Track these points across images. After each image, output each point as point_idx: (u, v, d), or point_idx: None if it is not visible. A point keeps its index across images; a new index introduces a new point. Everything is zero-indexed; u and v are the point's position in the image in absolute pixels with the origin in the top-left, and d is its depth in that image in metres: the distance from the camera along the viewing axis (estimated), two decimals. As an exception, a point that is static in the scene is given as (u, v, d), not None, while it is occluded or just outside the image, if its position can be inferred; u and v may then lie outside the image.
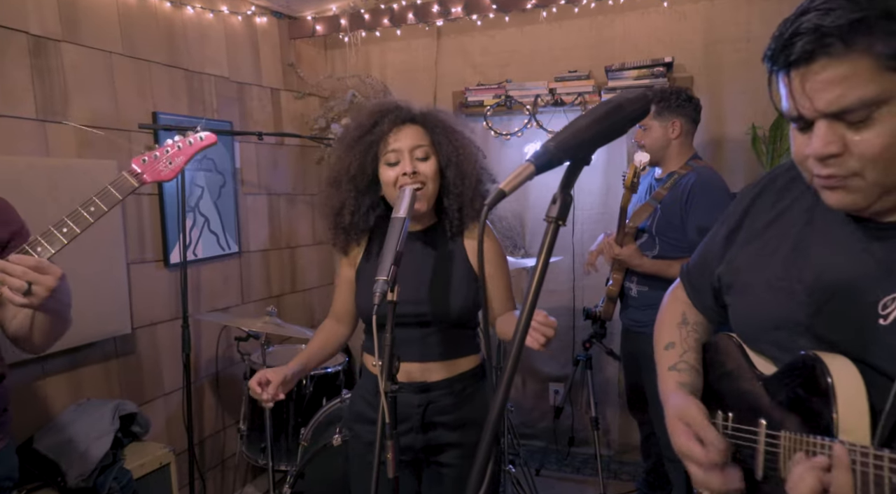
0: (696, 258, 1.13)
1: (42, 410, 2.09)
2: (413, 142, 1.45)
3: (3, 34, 1.95)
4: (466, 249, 1.53)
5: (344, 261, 1.63)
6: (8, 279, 1.05)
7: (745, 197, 1.01)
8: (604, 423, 3.16)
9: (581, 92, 2.94)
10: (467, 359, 1.55)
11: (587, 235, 3.12)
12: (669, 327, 1.11)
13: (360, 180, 1.49)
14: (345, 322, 1.69)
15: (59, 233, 1.15)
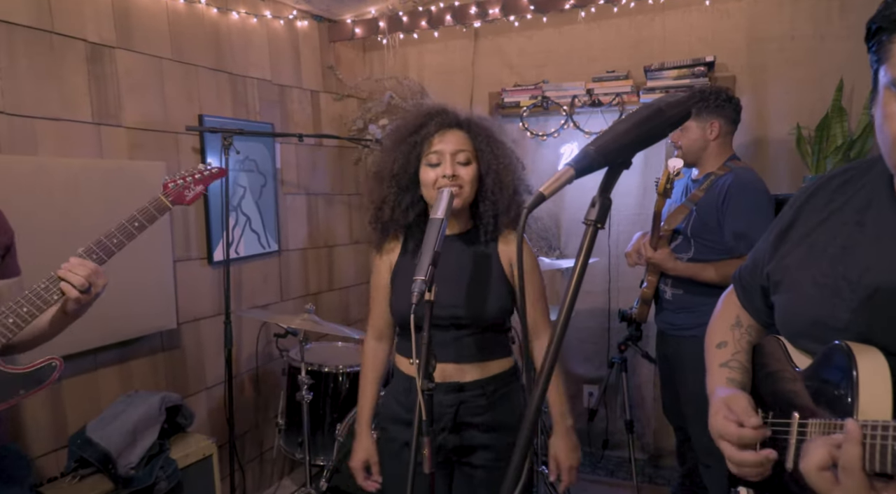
0: (748, 260, 1.13)
1: (94, 400, 2.19)
2: (456, 147, 1.48)
3: (64, 42, 2.05)
4: (500, 254, 1.55)
5: (380, 268, 1.64)
6: (71, 276, 1.16)
7: (800, 196, 1.01)
8: (639, 427, 3.12)
9: (619, 92, 2.91)
10: (500, 362, 1.57)
11: (623, 236, 3.09)
12: (722, 328, 1.13)
13: (401, 178, 1.53)
14: (386, 336, 1.70)
15: (111, 244, 1.30)
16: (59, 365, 1.24)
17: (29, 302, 1.18)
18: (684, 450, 2.59)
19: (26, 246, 1.46)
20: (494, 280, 1.53)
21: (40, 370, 1.23)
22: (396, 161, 1.52)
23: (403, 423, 1.56)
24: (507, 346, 1.61)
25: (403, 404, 1.56)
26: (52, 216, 1.91)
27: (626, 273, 3.13)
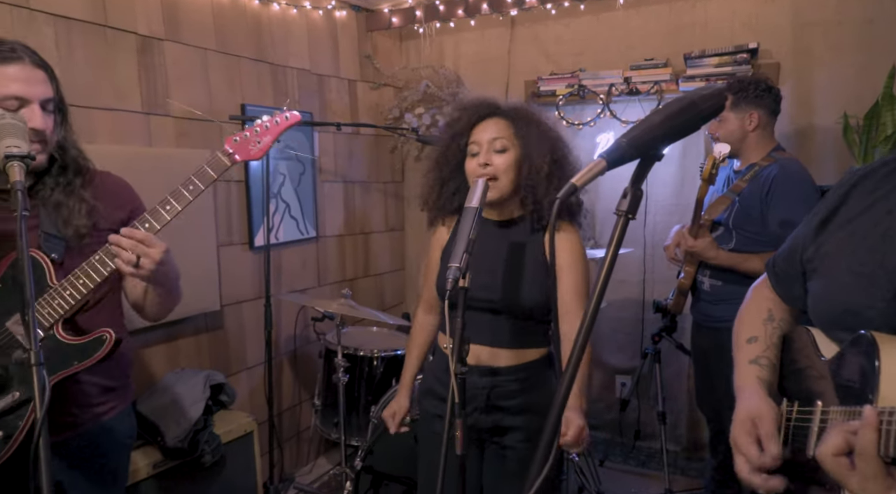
0: (784, 248, 1.11)
1: (145, 376, 2.31)
2: (492, 135, 1.51)
3: (117, 35, 2.15)
4: (546, 245, 1.56)
5: (434, 244, 1.71)
6: (119, 251, 1.18)
7: (846, 182, 0.99)
8: (671, 418, 3.11)
9: (657, 80, 2.88)
10: (535, 350, 1.59)
11: (659, 227, 3.06)
12: (754, 322, 1.11)
13: (444, 169, 1.60)
14: (435, 310, 1.78)
15: (164, 211, 1.26)
16: (109, 338, 1.25)
17: (84, 275, 1.21)
18: (717, 443, 2.57)
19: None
20: (534, 268, 1.54)
21: (91, 342, 1.25)
22: (442, 151, 1.59)
23: (439, 398, 1.62)
24: (544, 336, 1.62)
25: (441, 380, 1.63)
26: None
27: (660, 263, 3.10)
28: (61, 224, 1.26)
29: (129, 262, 1.18)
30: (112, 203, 1.36)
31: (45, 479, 0.88)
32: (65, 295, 1.21)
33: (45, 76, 1.23)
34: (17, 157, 1.03)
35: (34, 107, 1.20)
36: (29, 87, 1.19)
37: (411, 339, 1.82)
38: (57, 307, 1.21)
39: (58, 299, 1.21)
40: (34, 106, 1.20)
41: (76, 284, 1.22)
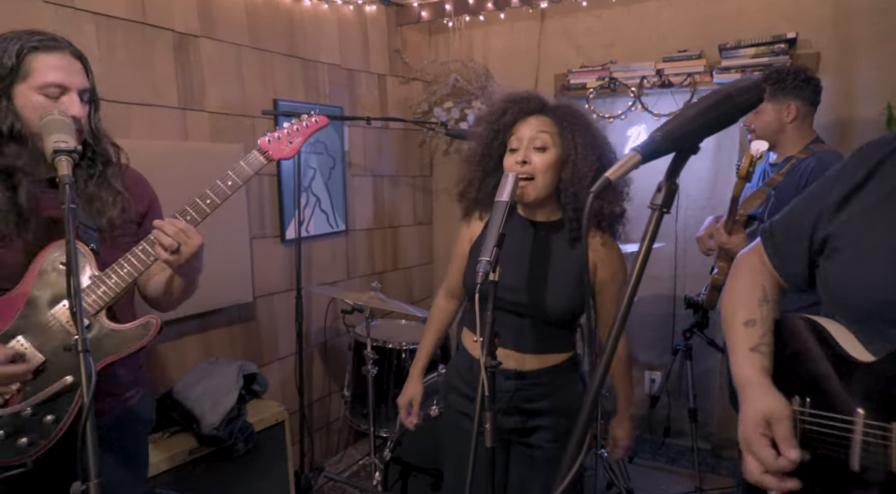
0: (785, 218, 1.05)
1: (180, 365, 2.38)
2: (533, 133, 1.47)
3: (154, 32, 2.20)
4: (587, 254, 1.52)
5: (464, 235, 1.68)
6: (163, 237, 1.23)
7: (870, 156, 0.94)
8: (702, 416, 3.07)
9: (691, 72, 2.82)
10: (560, 355, 1.58)
11: (691, 222, 3.01)
12: (749, 302, 1.05)
13: (486, 162, 1.55)
14: (457, 296, 1.79)
15: (204, 204, 1.32)
16: (155, 324, 1.30)
17: (128, 264, 1.26)
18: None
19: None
20: (567, 277, 1.51)
21: (139, 328, 1.29)
22: (481, 145, 1.55)
23: (462, 395, 1.62)
24: (570, 341, 1.61)
25: (464, 378, 1.62)
26: (144, 195, 2.08)
27: (693, 259, 3.06)
28: (95, 215, 1.30)
29: (170, 248, 1.22)
30: (133, 196, 1.40)
31: (91, 460, 0.91)
32: (109, 283, 1.25)
33: (81, 67, 1.27)
34: (65, 152, 1.07)
35: (73, 95, 1.23)
36: (69, 76, 1.23)
37: (428, 322, 1.83)
38: (102, 295, 1.25)
39: (102, 287, 1.25)
40: (73, 94, 1.23)
41: (120, 273, 1.26)
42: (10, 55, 1.18)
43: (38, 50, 1.20)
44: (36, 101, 1.19)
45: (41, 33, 1.24)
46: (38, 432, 1.21)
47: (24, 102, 1.19)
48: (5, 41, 1.20)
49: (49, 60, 1.21)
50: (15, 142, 1.19)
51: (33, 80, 1.19)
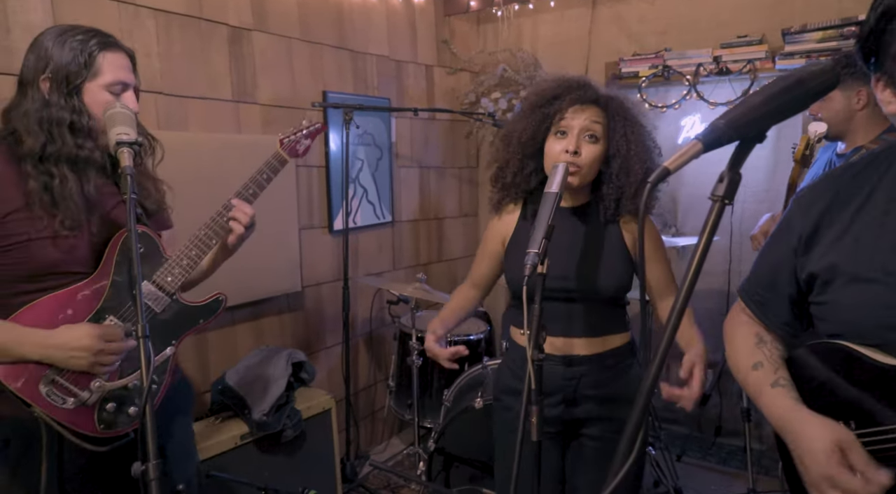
0: (757, 273, 1.10)
1: (232, 352, 2.45)
2: (586, 123, 1.44)
3: (210, 27, 2.25)
4: (623, 230, 1.53)
5: (495, 232, 1.66)
6: (241, 215, 1.40)
7: (815, 202, 0.99)
8: (756, 416, 2.95)
9: (751, 59, 2.70)
10: (617, 336, 1.56)
11: (748, 214, 2.90)
12: (747, 349, 1.07)
13: (528, 146, 1.51)
14: (480, 288, 1.76)
15: (248, 193, 1.47)
16: (224, 299, 1.46)
17: (196, 247, 1.38)
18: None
19: (180, 209, 1.64)
20: (611, 255, 1.52)
21: (212, 302, 1.45)
22: (527, 128, 1.50)
23: (515, 394, 1.59)
24: (625, 322, 1.60)
25: (519, 376, 1.58)
26: (199, 185, 2.13)
27: (748, 254, 2.94)
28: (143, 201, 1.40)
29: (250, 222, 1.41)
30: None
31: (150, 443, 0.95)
32: (183, 264, 1.36)
33: (131, 64, 1.34)
34: (127, 144, 1.11)
35: (130, 91, 1.31)
36: (128, 74, 1.31)
37: (450, 301, 1.78)
38: (179, 275, 1.36)
39: (177, 268, 1.36)
40: (131, 91, 1.31)
41: (190, 254, 1.37)
42: (83, 54, 1.24)
43: (106, 49, 1.27)
44: (102, 98, 1.26)
45: (101, 32, 1.29)
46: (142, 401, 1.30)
47: (92, 99, 1.26)
48: (73, 39, 1.25)
49: (115, 60, 1.28)
50: (86, 136, 1.26)
51: (102, 79, 1.26)
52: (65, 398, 1.22)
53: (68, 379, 1.23)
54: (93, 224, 1.29)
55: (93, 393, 1.24)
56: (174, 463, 1.40)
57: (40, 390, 1.21)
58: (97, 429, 1.26)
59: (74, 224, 1.23)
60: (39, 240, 1.21)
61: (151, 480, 0.93)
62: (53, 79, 1.23)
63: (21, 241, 1.21)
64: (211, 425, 2.18)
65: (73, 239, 1.25)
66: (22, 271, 1.23)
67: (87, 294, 1.28)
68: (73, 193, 1.23)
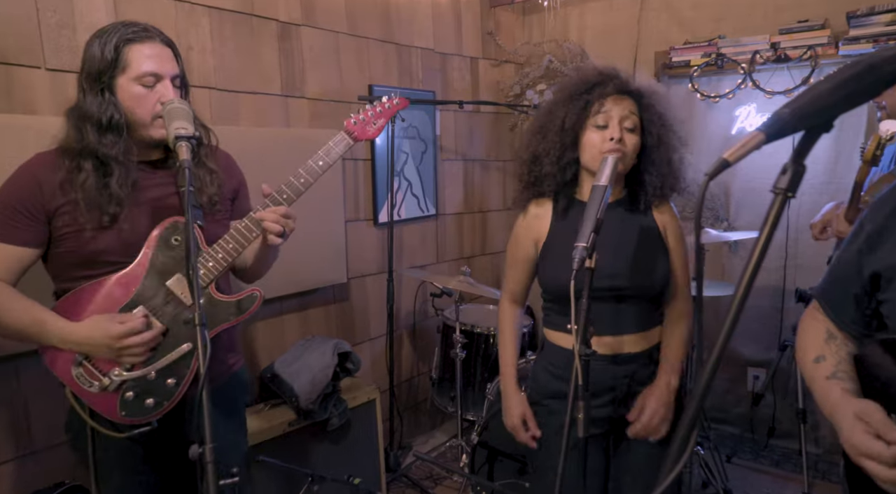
0: (830, 272, 1.13)
1: (280, 341, 2.51)
2: (625, 113, 1.45)
3: (261, 23, 2.30)
4: (657, 223, 1.53)
5: (523, 237, 1.61)
6: (270, 226, 1.34)
7: (885, 203, 1.04)
8: (813, 418, 2.84)
9: (812, 44, 2.57)
10: (658, 330, 1.55)
11: (805, 208, 2.78)
12: (815, 343, 1.11)
13: (566, 135, 1.49)
14: (520, 301, 1.71)
15: (298, 183, 1.41)
16: (259, 295, 1.41)
17: (233, 240, 1.36)
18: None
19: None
20: (657, 249, 1.51)
21: (245, 299, 1.41)
22: (566, 117, 1.47)
23: (551, 393, 1.56)
24: (661, 315, 1.59)
25: (559, 377, 1.54)
26: (249, 178, 2.19)
27: (805, 249, 2.83)
28: (196, 193, 1.35)
29: (278, 233, 1.35)
30: (225, 174, 1.48)
31: (207, 425, 0.98)
32: (217, 257, 1.34)
33: (171, 53, 1.34)
34: (185, 138, 1.14)
35: (167, 82, 1.30)
36: (162, 64, 1.30)
37: (503, 335, 1.68)
38: (212, 268, 1.35)
39: (211, 262, 1.34)
40: (166, 81, 1.30)
41: (227, 248, 1.35)
42: (109, 49, 1.25)
43: (133, 41, 1.27)
44: (134, 92, 1.27)
45: (134, 24, 1.30)
46: (162, 394, 1.33)
47: (124, 93, 1.27)
48: (104, 36, 1.27)
49: (144, 50, 1.28)
50: (112, 132, 1.27)
51: (131, 71, 1.27)
52: (91, 381, 1.28)
53: (93, 363, 1.29)
54: (131, 216, 1.31)
55: (112, 380, 1.28)
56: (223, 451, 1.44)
57: (72, 371, 1.29)
58: (119, 415, 1.30)
59: (101, 217, 1.27)
60: (82, 231, 1.27)
61: (208, 463, 0.96)
62: (87, 77, 1.27)
63: (69, 232, 1.28)
64: (260, 411, 2.25)
65: (104, 231, 1.28)
66: (73, 259, 1.30)
67: (121, 283, 1.31)
68: (92, 188, 1.26)
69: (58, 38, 1.76)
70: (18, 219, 1.26)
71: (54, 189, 1.27)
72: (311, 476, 2.07)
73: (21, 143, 1.62)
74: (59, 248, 1.30)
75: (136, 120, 1.29)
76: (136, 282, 1.32)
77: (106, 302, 1.30)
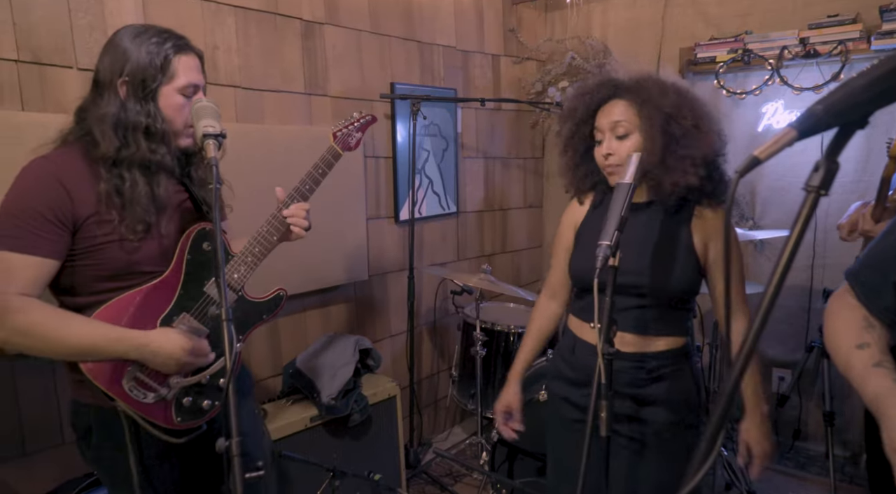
0: (867, 258, 1.11)
1: (302, 337, 2.53)
2: (610, 123, 1.43)
3: (285, 22, 2.32)
4: (693, 229, 1.46)
5: (565, 227, 1.64)
6: (298, 220, 1.42)
7: None
8: (840, 420, 2.79)
9: (843, 39, 2.52)
10: (672, 339, 1.49)
11: (834, 207, 2.72)
12: (855, 330, 1.08)
13: (574, 155, 1.55)
14: (559, 296, 1.72)
15: (304, 188, 1.49)
16: (285, 294, 1.49)
17: (259, 244, 1.41)
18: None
19: (255, 198, 1.69)
20: (681, 255, 1.45)
21: (274, 298, 1.49)
22: (568, 138, 1.54)
23: (566, 381, 1.58)
24: (684, 325, 1.52)
25: (568, 361, 1.57)
26: (273, 174, 2.20)
27: (833, 248, 2.77)
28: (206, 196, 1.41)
29: (305, 227, 1.44)
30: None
31: (232, 419, 1.00)
32: (247, 261, 1.40)
33: (200, 64, 1.36)
34: (213, 136, 1.16)
35: (200, 93, 1.34)
36: (198, 75, 1.33)
37: (530, 323, 1.74)
38: (244, 272, 1.40)
39: (243, 266, 1.40)
40: (200, 92, 1.34)
41: (254, 252, 1.40)
42: (159, 57, 1.25)
43: (180, 52, 1.29)
44: (176, 101, 1.29)
45: (175, 34, 1.31)
46: (214, 395, 1.37)
47: (167, 102, 1.28)
48: (149, 42, 1.26)
49: (188, 62, 1.30)
50: (160, 141, 1.28)
51: (177, 82, 1.28)
52: (146, 393, 1.27)
53: (149, 375, 1.27)
54: (162, 225, 1.31)
55: (171, 388, 1.29)
56: (251, 443, 1.47)
57: (123, 385, 1.24)
58: (174, 422, 1.31)
59: (144, 226, 1.26)
60: (113, 242, 1.24)
61: (234, 456, 0.98)
62: (130, 82, 1.24)
63: (98, 244, 1.23)
64: (282, 407, 2.27)
65: (144, 240, 1.27)
66: (102, 272, 1.25)
67: (159, 292, 1.30)
68: (143, 197, 1.24)
69: (88, 39, 1.80)
70: (46, 229, 1.17)
71: (88, 198, 1.21)
72: (332, 472, 2.09)
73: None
74: (86, 260, 1.23)
75: (174, 129, 1.30)
76: (174, 290, 1.33)
77: (149, 311, 1.29)
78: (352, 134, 1.62)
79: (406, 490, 2.62)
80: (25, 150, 1.26)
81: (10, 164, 1.63)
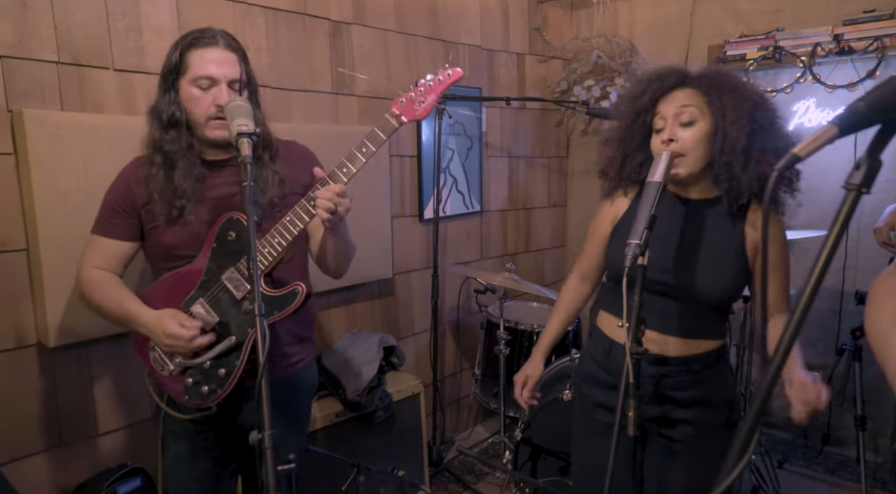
0: None
1: (327, 334, 2.56)
2: (677, 108, 1.39)
3: (313, 22, 2.35)
4: (745, 234, 1.42)
5: (605, 214, 1.60)
6: (321, 201, 1.30)
7: None
8: (872, 425, 2.73)
9: (879, 35, 2.46)
10: (709, 342, 1.47)
11: (868, 207, 2.65)
12: None
13: (627, 144, 1.49)
14: (590, 279, 1.70)
15: (340, 173, 1.36)
16: (301, 291, 1.36)
17: (279, 234, 1.36)
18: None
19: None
20: (725, 258, 1.41)
21: (287, 295, 1.37)
22: (621, 126, 1.49)
23: (599, 384, 1.55)
24: (721, 329, 1.50)
25: (601, 364, 1.55)
26: (300, 175, 2.25)
27: (867, 250, 2.71)
28: (259, 193, 1.41)
29: (329, 209, 1.29)
30: (299, 169, 1.50)
31: (266, 413, 1.02)
32: (264, 252, 1.36)
33: (236, 58, 1.38)
34: (246, 134, 1.18)
35: (221, 86, 1.36)
36: (219, 68, 1.35)
37: (558, 302, 1.74)
38: (260, 263, 1.36)
39: (267, 247, 1.36)
40: (221, 85, 1.36)
41: (272, 242, 1.36)
42: (175, 53, 1.36)
43: (195, 46, 1.35)
44: (191, 93, 1.35)
45: (203, 31, 1.38)
46: (216, 382, 1.39)
47: (184, 94, 1.36)
48: (178, 42, 1.38)
49: (204, 55, 1.34)
50: (173, 128, 1.36)
51: (191, 74, 1.35)
52: (163, 365, 1.41)
53: (160, 350, 1.41)
54: (196, 211, 1.38)
55: (174, 367, 1.40)
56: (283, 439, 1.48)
57: (150, 355, 1.43)
58: (183, 399, 1.40)
59: (170, 212, 1.37)
60: (156, 227, 1.40)
61: (267, 449, 1.00)
62: (161, 78, 1.39)
63: (150, 229, 1.42)
64: (309, 402, 2.30)
65: (175, 226, 1.39)
66: (156, 252, 1.44)
67: (187, 276, 1.41)
68: (161, 181, 1.36)
69: (125, 41, 1.84)
70: (115, 216, 1.41)
71: (139, 185, 1.39)
72: (356, 467, 2.11)
73: (94, 140, 1.71)
74: (147, 242, 1.45)
75: (194, 119, 1.37)
76: (198, 275, 1.40)
77: (174, 293, 1.41)
78: (419, 98, 1.40)
79: (429, 487, 2.63)
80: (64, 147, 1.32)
81: (51, 159, 1.70)
